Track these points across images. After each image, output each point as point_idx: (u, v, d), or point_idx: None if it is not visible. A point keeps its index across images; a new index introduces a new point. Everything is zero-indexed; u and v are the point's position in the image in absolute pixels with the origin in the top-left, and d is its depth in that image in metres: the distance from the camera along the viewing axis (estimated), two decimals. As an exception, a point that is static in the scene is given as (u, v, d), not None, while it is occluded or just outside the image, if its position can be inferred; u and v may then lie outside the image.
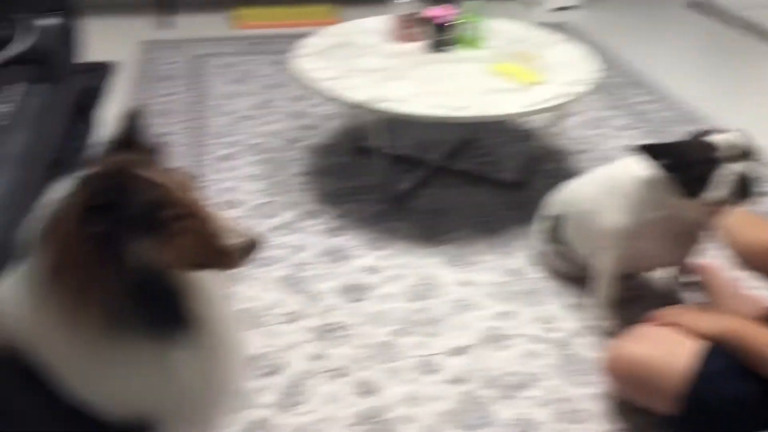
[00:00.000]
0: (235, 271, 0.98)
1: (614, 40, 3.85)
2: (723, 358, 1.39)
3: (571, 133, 2.82)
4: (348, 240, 2.19)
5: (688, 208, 1.58)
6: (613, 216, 1.69)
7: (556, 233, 1.94)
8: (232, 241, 0.95)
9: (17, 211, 1.74)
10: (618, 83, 3.31)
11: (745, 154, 1.51)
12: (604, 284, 1.78)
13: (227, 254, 0.96)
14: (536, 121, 2.77)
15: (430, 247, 2.16)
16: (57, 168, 2.14)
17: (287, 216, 2.30)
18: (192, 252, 0.94)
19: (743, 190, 1.50)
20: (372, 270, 2.06)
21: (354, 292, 1.97)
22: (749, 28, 3.98)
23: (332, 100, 2.18)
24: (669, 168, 1.55)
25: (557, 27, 4.03)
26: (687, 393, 1.41)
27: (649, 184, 1.61)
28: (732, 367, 1.37)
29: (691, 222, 1.63)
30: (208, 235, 0.94)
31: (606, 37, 3.88)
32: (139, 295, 0.91)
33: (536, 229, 2.06)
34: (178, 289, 0.96)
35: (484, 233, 2.22)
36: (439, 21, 2.35)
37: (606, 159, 2.55)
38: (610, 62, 3.54)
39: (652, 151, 1.57)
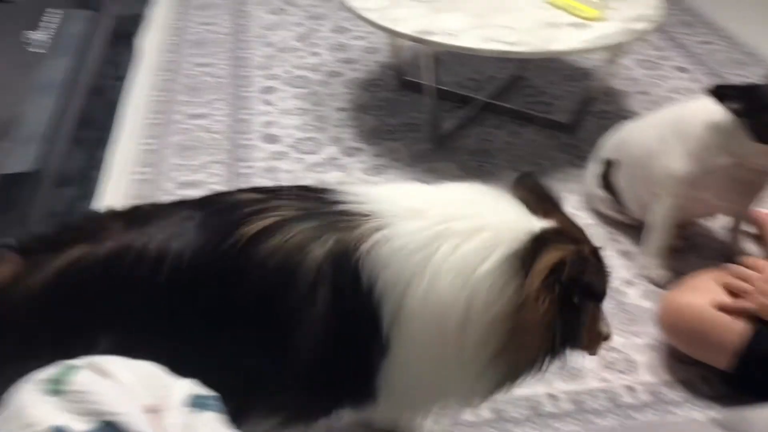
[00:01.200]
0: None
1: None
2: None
3: (627, 74, 2.69)
4: (390, 179, 2.13)
5: (759, 154, 1.48)
6: (677, 161, 1.59)
7: (608, 178, 1.85)
8: (606, 330, 1.11)
9: (58, 138, 1.73)
10: (675, 21, 3.13)
11: None
12: (659, 232, 1.70)
13: (601, 341, 1.12)
14: (590, 60, 2.64)
15: (475, 188, 2.09)
16: (97, 95, 2.11)
17: (328, 152, 2.24)
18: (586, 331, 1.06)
19: None
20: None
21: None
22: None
23: (379, 30, 2.09)
24: (743, 112, 1.45)
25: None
26: (744, 348, 1.35)
27: (719, 128, 1.51)
28: None
29: (759, 170, 1.54)
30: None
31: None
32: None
33: (588, 173, 1.97)
34: None
35: (532, 175, 2.15)
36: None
37: (662, 101, 2.44)
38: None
39: (726, 93, 1.46)
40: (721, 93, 1.47)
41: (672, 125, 1.65)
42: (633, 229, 1.85)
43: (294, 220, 0.97)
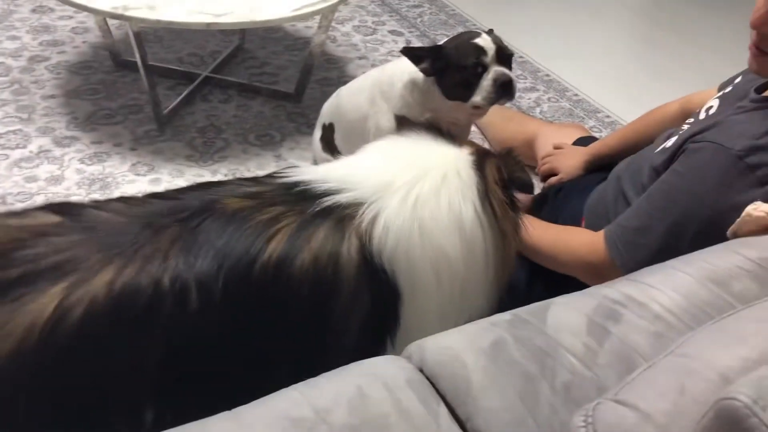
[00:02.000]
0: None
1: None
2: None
3: (346, 40, 2.80)
4: (113, 166, 2.01)
5: (453, 109, 1.63)
6: (385, 120, 1.70)
7: (329, 141, 1.92)
8: None
9: None
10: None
11: (508, 55, 1.57)
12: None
13: None
14: (310, 30, 2.70)
15: (206, 165, 2.05)
16: None
17: (38, 144, 2.05)
18: None
19: (508, 91, 1.56)
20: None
21: (123, 220, 1.83)
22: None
23: (75, 7, 1.93)
24: (431, 71, 1.58)
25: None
26: None
27: (415, 86, 1.64)
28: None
29: (455, 123, 1.70)
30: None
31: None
32: None
33: (314, 139, 2.03)
34: None
35: (262, 146, 2.16)
36: None
37: (380, 64, 2.58)
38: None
39: (415, 54, 1.58)
40: (412, 54, 1.59)
41: (378, 86, 1.75)
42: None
43: (303, 226, 0.97)
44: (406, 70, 1.64)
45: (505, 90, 1.56)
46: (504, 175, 1.11)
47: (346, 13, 2.99)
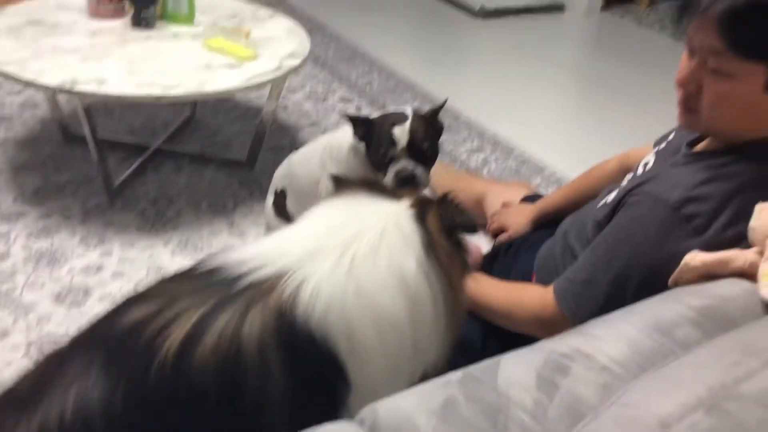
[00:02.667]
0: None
1: (333, 16, 3.95)
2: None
3: (297, 108, 2.85)
4: (62, 240, 1.98)
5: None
6: (328, 183, 1.72)
7: (282, 207, 1.93)
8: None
9: None
10: (337, 57, 3.41)
11: (420, 148, 1.58)
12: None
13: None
14: (261, 98, 2.75)
15: (157, 236, 2.04)
16: None
17: (-16, 221, 2.01)
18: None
19: (409, 185, 1.58)
20: (94, 269, 1.89)
21: (73, 296, 1.79)
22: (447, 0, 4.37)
23: (24, 84, 1.93)
24: (364, 141, 1.63)
25: (276, 2, 4.04)
26: None
27: (357, 152, 1.68)
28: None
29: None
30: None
31: (325, 13, 3.98)
32: None
33: (266, 205, 2.04)
34: None
35: (215, 214, 2.15)
36: (142, -5, 2.19)
37: (331, 130, 2.63)
38: (330, 37, 3.64)
39: (353, 122, 1.63)
40: (353, 121, 1.63)
41: (328, 150, 1.78)
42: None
43: (209, 315, 0.92)
44: (352, 134, 1.67)
45: (406, 183, 1.58)
46: (446, 221, 1.10)
47: (297, 82, 3.06)
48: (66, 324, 1.71)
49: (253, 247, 1.06)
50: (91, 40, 2.12)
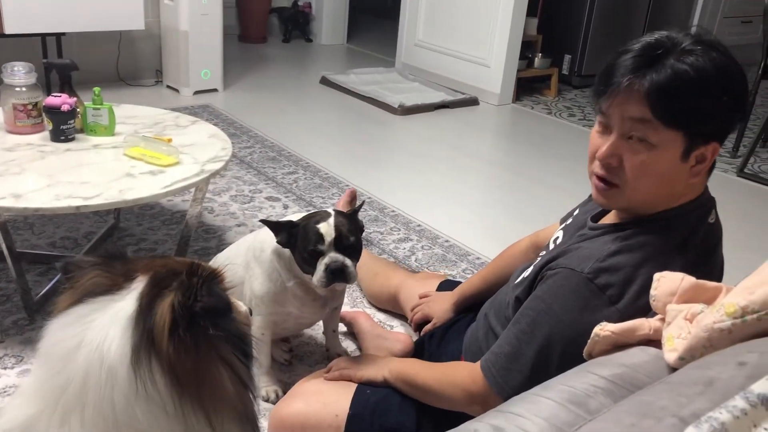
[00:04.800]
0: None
1: (259, 118, 4.06)
2: (372, 395, 1.49)
3: (223, 209, 2.87)
4: (-23, 362, 1.88)
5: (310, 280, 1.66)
6: (258, 283, 1.73)
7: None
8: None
9: None
10: (262, 158, 3.48)
11: (347, 243, 1.62)
12: (261, 351, 1.80)
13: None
14: (186, 203, 2.75)
15: (80, 350, 1.97)
16: None
17: None
18: None
19: (340, 277, 1.61)
20: (12, 391, 1.80)
21: (-13, 420, 1.69)
22: (368, 99, 4.56)
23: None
24: (285, 243, 1.65)
25: (201, 109, 4.13)
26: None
27: (280, 253, 1.70)
28: (381, 401, 1.48)
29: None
30: None
31: (250, 116, 4.08)
32: None
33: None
34: None
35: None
36: (60, 108, 2.21)
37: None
38: (255, 138, 3.72)
39: (274, 226, 1.65)
40: (271, 226, 1.66)
41: (251, 251, 1.80)
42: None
43: None
44: (276, 240, 1.69)
45: (336, 276, 1.61)
46: (180, 311, 0.89)
47: (223, 184, 3.09)
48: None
49: None
50: (8, 155, 2.11)
